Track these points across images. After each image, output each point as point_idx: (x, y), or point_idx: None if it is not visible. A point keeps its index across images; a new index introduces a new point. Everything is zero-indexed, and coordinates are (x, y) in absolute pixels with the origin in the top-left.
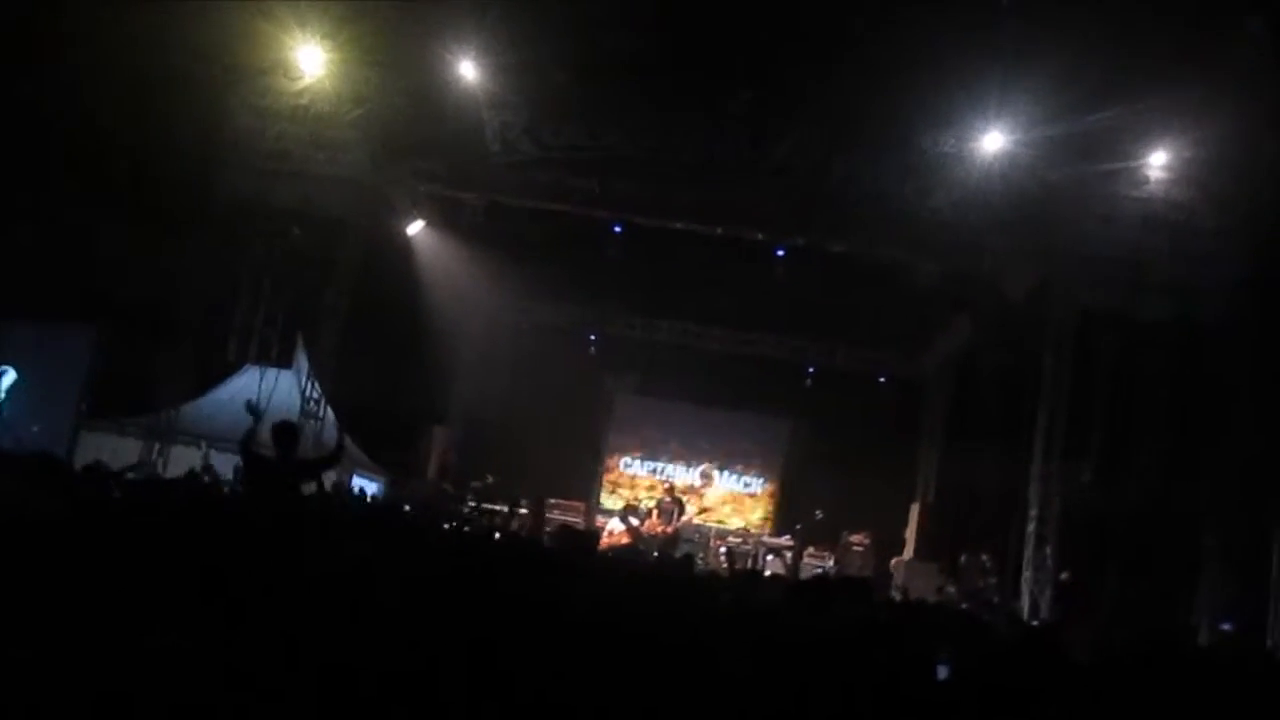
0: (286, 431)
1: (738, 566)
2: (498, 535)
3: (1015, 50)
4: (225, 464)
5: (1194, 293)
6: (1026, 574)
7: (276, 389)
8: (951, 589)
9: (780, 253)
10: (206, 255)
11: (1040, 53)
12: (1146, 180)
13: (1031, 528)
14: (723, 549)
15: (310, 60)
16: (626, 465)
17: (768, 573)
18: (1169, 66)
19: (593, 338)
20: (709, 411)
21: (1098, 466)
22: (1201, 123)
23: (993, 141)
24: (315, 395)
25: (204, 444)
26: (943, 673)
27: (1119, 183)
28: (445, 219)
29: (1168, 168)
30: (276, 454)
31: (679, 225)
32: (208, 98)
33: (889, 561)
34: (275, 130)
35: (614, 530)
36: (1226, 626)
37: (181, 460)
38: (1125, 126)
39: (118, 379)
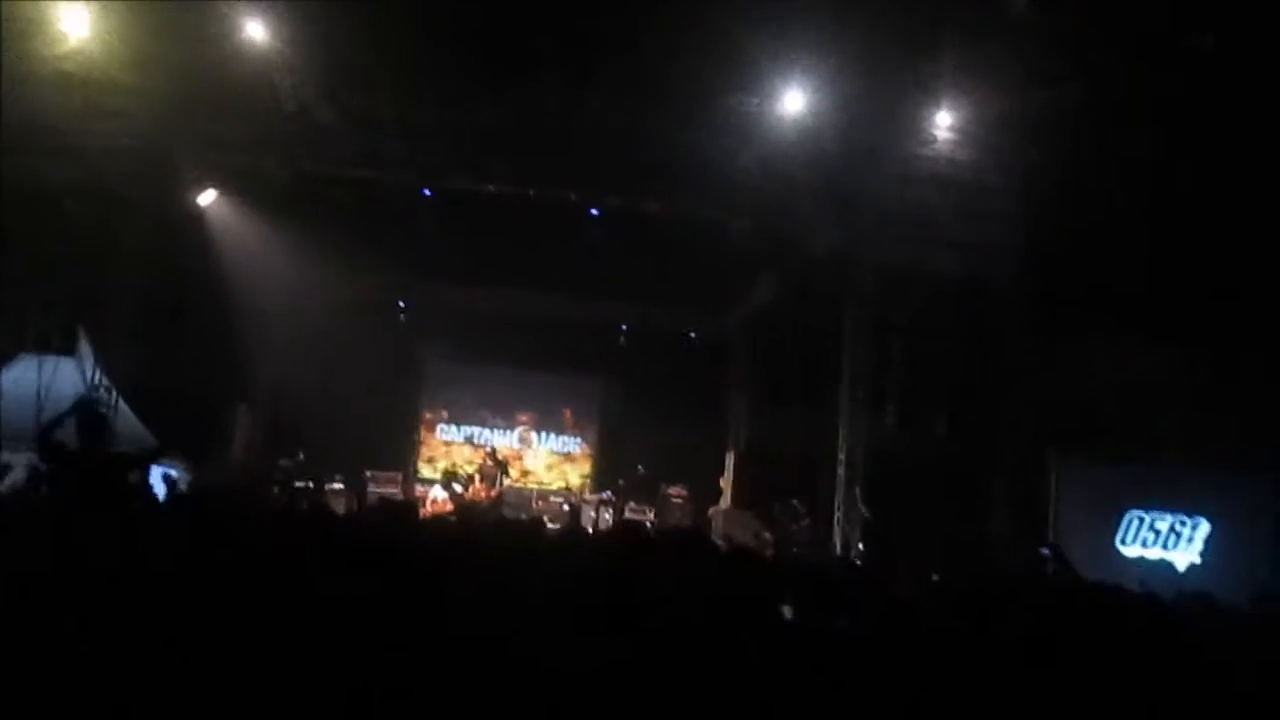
0: (93, 416)
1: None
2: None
3: (811, 11)
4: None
5: (979, 250)
6: (838, 515)
7: (57, 378)
8: (767, 534)
9: (594, 213)
10: None
11: (835, 13)
12: (934, 140)
13: (841, 471)
14: (565, 504)
15: (73, 22)
16: (443, 432)
17: (590, 529)
18: (955, 27)
19: (402, 305)
20: (524, 374)
21: (898, 413)
22: (982, 83)
23: (793, 102)
24: (103, 383)
25: None
26: (788, 613)
27: (910, 143)
28: (242, 188)
29: (953, 128)
30: (80, 444)
31: (490, 188)
32: None
33: (705, 511)
34: (39, 101)
35: (437, 499)
36: (1045, 551)
37: None
38: (914, 87)
39: None
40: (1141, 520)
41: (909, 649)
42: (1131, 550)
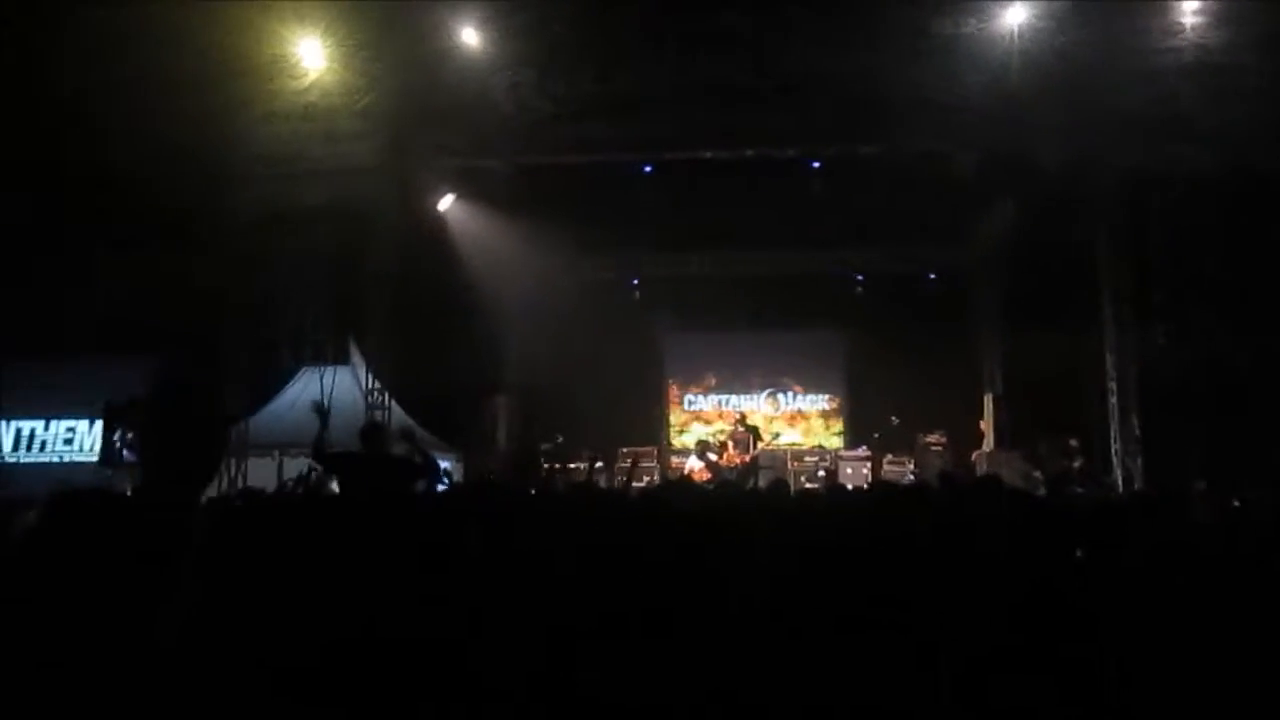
0: (373, 433)
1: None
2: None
3: None
4: (295, 469)
5: (1240, 139)
6: (1115, 446)
7: (336, 386)
8: (1037, 474)
9: (815, 165)
10: (243, 269)
11: None
12: (1181, 29)
13: (1114, 400)
14: (821, 470)
15: (311, 55)
16: (690, 403)
17: (849, 486)
18: None
19: (635, 282)
20: (764, 336)
21: (1169, 329)
22: None
23: (1014, 15)
24: (375, 387)
25: (277, 453)
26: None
27: (1150, 36)
28: (473, 189)
29: (1202, 11)
30: (365, 453)
31: (708, 154)
32: (218, 114)
33: (968, 456)
34: (289, 132)
35: (694, 469)
36: None
37: (258, 471)
38: None
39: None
40: None
41: (1206, 583)
42: None
